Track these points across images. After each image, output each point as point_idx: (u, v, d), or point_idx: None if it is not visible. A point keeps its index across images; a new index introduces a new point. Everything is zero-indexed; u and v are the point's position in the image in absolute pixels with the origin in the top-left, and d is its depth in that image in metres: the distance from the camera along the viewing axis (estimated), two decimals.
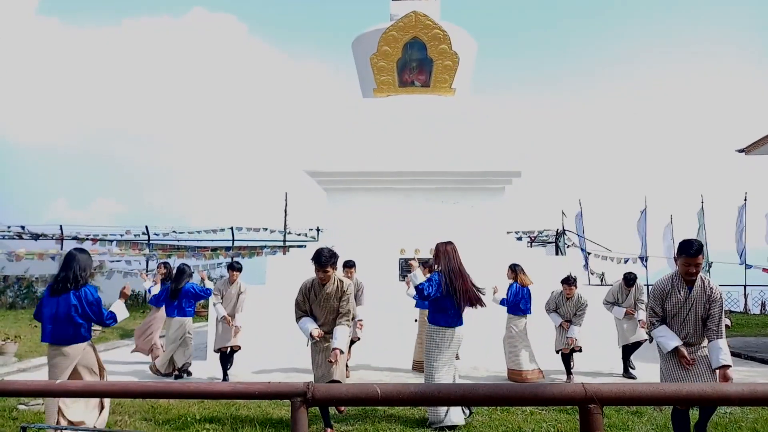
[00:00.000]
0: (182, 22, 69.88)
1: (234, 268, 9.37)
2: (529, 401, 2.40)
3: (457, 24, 14.52)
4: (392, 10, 14.53)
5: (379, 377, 9.16)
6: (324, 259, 5.91)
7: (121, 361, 10.69)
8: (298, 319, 6.22)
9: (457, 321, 6.28)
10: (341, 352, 5.88)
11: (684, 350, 4.98)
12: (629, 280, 9.83)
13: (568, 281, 9.04)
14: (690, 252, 4.90)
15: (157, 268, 11.02)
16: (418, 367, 9.36)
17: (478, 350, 9.67)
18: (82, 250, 5.76)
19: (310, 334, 6.02)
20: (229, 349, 9.05)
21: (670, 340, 5.04)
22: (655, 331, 5.18)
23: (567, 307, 9.08)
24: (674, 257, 5.20)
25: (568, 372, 9.07)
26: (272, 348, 9.93)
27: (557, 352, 9.11)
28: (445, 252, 6.36)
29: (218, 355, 9.16)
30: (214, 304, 9.23)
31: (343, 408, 6.19)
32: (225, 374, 9.08)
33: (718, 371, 4.86)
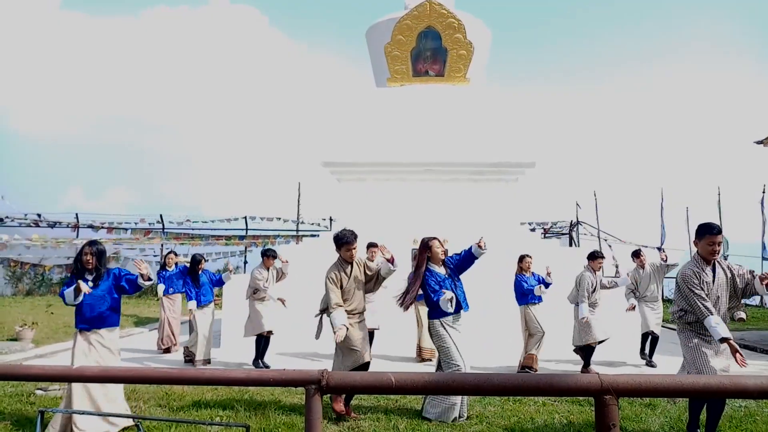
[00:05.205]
0: (201, 13, 70.08)
1: (268, 254, 9.40)
2: (544, 392, 2.38)
3: (471, 13, 14.41)
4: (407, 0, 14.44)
5: (393, 367, 9.18)
6: (353, 237, 6.39)
7: (134, 348, 10.81)
8: (335, 306, 6.20)
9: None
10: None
11: (735, 344, 4.96)
12: (635, 252, 9.84)
13: (599, 254, 9.01)
14: (713, 230, 5.18)
15: (167, 256, 11.14)
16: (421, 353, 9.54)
17: (489, 342, 9.66)
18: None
19: (335, 331, 6.08)
20: (266, 333, 9.14)
21: (723, 332, 4.97)
22: (708, 319, 5.04)
23: (595, 286, 8.85)
24: (694, 241, 5.33)
25: (588, 363, 8.88)
26: (288, 335, 9.96)
27: (583, 346, 8.83)
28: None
29: (253, 339, 9.27)
30: (264, 288, 9.20)
31: (352, 413, 6.24)
32: (261, 357, 9.15)
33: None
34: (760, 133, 14.56)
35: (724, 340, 4.93)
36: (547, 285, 8.88)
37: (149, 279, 5.70)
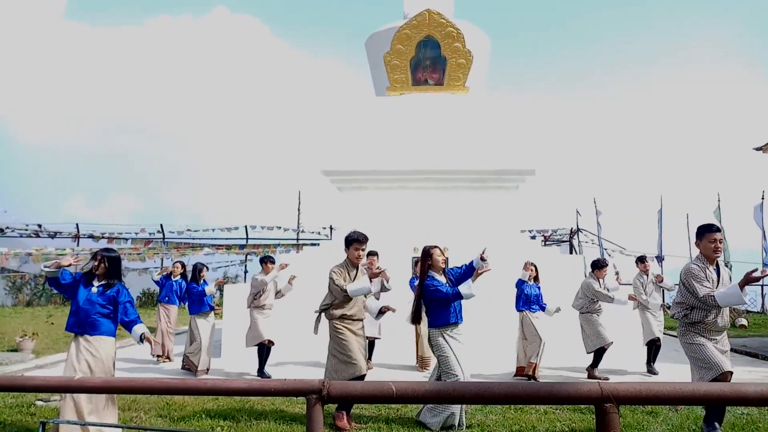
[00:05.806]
0: (203, 22, 70.40)
1: (267, 261, 9.40)
2: (544, 400, 2.39)
3: (470, 21, 14.49)
4: (406, 9, 14.53)
5: (393, 376, 9.17)
6: (364, 237, 6.47)
7: (133, 358, 10.79)
8: (346, 286, 6.33)
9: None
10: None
11: (750, 276, 4.96)
12: (640, 258, 9.86)
13: (604, 263, 9.23)
14: (713, 228, 5.35)
15: (173, 266, 11.20)
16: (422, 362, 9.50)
17: (488, 349, 9.64)
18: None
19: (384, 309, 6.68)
20: (267, 341, 9.10)
21: (733, 288, 5.02)
22: (717, 296, 5.04)
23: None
24: (696, 243, 5.43)
25: (596, 364, 8.98)
26: (289, 344, 9.93)
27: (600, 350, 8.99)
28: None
29: (254, 349, 9.18)
30: (266, 283, 9.17)
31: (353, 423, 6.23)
32: (263, 367, 9.10)
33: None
34: (759, 140, 14.62)
35: (743, 283, 4.94)
36: (543, 308, 8.97)
37: (142, 341, 5.58)
